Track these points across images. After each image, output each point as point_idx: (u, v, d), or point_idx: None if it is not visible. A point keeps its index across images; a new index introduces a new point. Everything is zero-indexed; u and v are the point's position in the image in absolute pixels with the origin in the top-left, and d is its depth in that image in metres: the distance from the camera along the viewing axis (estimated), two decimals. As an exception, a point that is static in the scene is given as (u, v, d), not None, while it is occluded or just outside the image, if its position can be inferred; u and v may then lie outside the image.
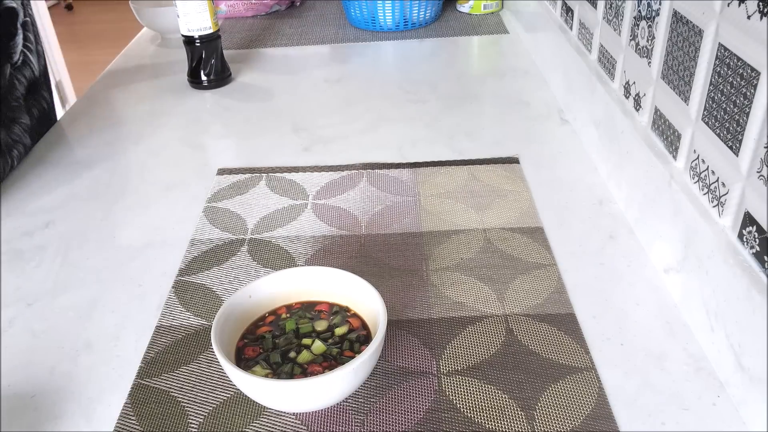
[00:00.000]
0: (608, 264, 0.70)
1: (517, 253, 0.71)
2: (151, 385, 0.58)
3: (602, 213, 0.78)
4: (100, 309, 0.67)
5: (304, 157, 0.93)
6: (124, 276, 0.72)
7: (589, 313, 0.64)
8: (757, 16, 0.51)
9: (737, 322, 0.53)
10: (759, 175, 0.51)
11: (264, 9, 1.50)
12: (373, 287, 0.58)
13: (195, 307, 0.67)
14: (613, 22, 0.82)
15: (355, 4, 1.35)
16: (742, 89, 0.53)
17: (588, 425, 0.53)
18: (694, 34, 0.61)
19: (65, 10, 4.36)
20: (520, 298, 0.65)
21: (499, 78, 1.15)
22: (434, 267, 0.70)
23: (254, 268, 0.71)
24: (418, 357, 0.60)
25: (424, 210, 0.79)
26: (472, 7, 1.44)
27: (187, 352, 0.62)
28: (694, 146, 0.62)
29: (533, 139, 0.94)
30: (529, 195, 0.81)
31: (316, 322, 0.60)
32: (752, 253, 0.53)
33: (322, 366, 0.56)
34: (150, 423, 0.55)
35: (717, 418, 0.53)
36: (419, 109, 1.05)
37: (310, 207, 0.81)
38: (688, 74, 0.62)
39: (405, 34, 1.36)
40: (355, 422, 0.54)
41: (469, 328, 0.62)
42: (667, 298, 0.65)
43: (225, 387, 0.58)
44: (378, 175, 0.86)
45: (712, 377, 0.57)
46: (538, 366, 0.58)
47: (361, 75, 1.19)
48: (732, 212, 0.56)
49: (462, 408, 0.55)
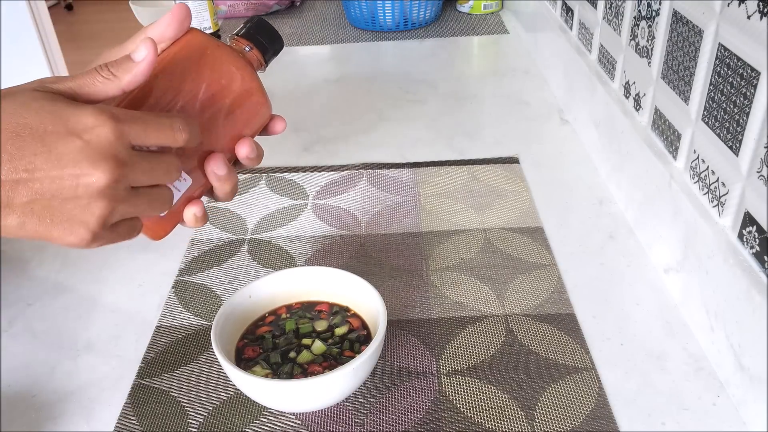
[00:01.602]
0: (608, 264, 0.70)
1: (517, 253, 0.71)
2: (151, 385, 0.58)
3: (602, 213, 0.78)
4: (100, 309, 0.67)
5: (304, 157, 0.93)
6: (124, 276, 0.72)
7: (589, 313, 0.64)
8: (757, 16, 0.51)
9: (737, 322, 0.53)
10: (759, 175, 0.51)
11: (264, 9, 1.50)
12: (373, 287, 0.58)
13: (195, 307, 0.67)
14: (613, 22, 0.82)
15: (355, 4, 1.35)
16: (742, 89, 0.53)
17: (588, 425, 0.53)
18: (694, 34, 0.61)
19: (65, 10, 4.36)
20: (520, 298, 0.65)
21: (499, 78, 1.15)
22: (434, 267, 0.70)
23: (254, 268, 0.71)
24: (418, 357, 0.60)
25: (424, 210, 0.79)
26: (472, 7, 1.44)
27: (187, 352, 0.62)
28: (694, 146, 0.62)
29: (533, 139, 0.94)
30: (529, 195, 0.81)
31: (316, 322, 0.60)
32: (752, 253, 0.53)
33: (322, 366, 0.56)
34: (150, 423, 0.55)
35: (717, 418, 0.53)
36: (419, 109, 1.05)
37: (310, 207, 0.81)
38: (688, 74, 0.62)
39: (405, 34, 1.36)
40: (355, 422, 0.54)
41: (469, 328, 0.62)
42: (667, 298, 0.65)
43: (225, 387, 0.58)
44: (378, 175, 0.86)
45: (712, 377, 0.57)
46: (538, 366, 0.58)
47: (361, 75, 1.19)
48: (732, 212, 0.56)
49: (462, 408, 0.55)
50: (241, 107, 0.47)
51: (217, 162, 0.46)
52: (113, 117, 0.38)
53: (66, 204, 0.38)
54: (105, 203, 0.38)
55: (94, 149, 0.37)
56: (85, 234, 0.39)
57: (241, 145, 0.48)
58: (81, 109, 0.38)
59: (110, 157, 0.38)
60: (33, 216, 0.37)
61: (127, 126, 0.39)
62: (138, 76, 0.41)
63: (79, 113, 0.38)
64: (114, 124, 0.38)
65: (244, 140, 0.48)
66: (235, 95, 0.47)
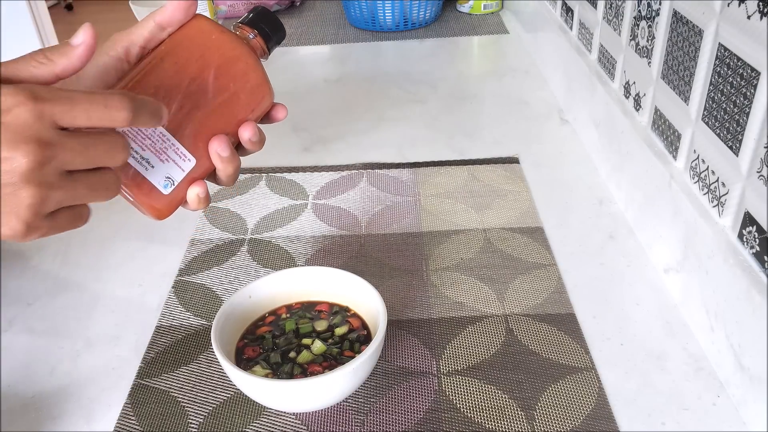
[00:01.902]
0: (608, 264, 0.70)
1: (517, 253, 0.71)
2: (151, 385, 0.58)
3: (602, 213, 0.78)
4: (100, 309, 0.67)
5: (304, 157, 0.93)
6: (124, 276, 0.72)
7: (589, 313, 0.64)
8: (757, 16, 0.51)
9: (737, 322, 0.53)
10: (759, 175, 0.51)
11: (264, 9, 1.50)
12: (373, 287, 0.58)
13: (195, 307, 0.67)
14: (613, 22, 0.82)
15: (355, 4, 1.35)
16: (742, 89, 0.53)
17: (588, 425, 0.53)
18: (694, 34, 0.61)
19: (65, 10, 4.36)
20: (520, 298, 0.65)
21: (499, 78, 1.15)
22: (434, 267, 0.70)
23: (254, 268, 0.71)
24: (418, 357, 0.60)
25: (424, 210, 0.79)
26: (472, 7, 1.44)
27: (187, 352, 0.62)
28: (694, 146, 0.62)
29: (533, 139, 0.94)
30: (529, 195, 0.81)
31: (316, 322, 0.60)
32: (752, 253, 0.53)
33: (322, 366, 0.56)
34: (150, 423, 0.55)
35: (717, 418, 0.53)
36: (419, 109, 1.05)
37: (310, 207, 0.81)
38: (688, 74, 0.62)
39: (405, 34, 1.36)
40: (355, 422, 0.54)
41: (469, 328, 0.62)
42: (667, 298, 0.65)
43: (225, 387, 0.58)
44: (378, 175, 0.86)
45: (712, 377, 0.57)
46: (538, 366, 0.58)
47: (361, 75, 1.19)
48: (732, 212, 0.56)
49: (462, 408, 0.55)
50: (245, 92, 0.48)
51: (222, 143, 0.47)
52: (33, 96, 0.36)
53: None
54: (33, 190, 0.36)
55: (14, 131, 0.35)
56: (17, 225, 0.37)
57: (245, 128, 0.48)
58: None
59: (31, 138, 0.35)
60: None
61: (49, 105, 0.36)
62: (74, 60, 0.40)
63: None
64: (33, 104, 0.35)
65: (248, 123, 0.48)
66: (239, 80, 0.48)
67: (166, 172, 0.46)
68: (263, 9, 0.51)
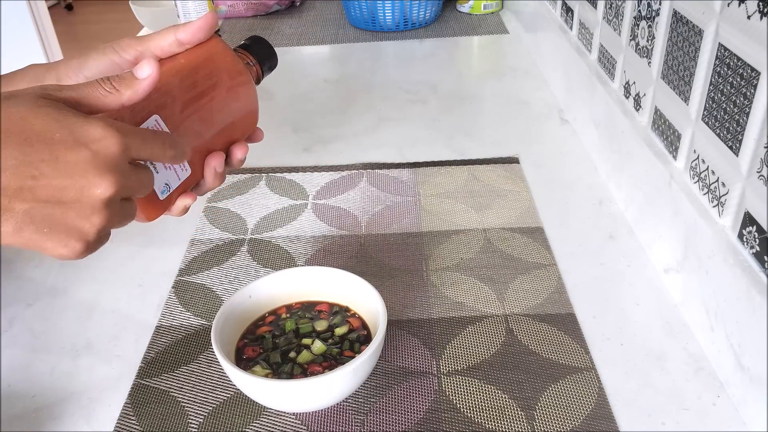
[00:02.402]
0: (608, 264, 0.70)
1: (517, 253, 0.71)
2: (151, 385, 0.58)
3: (602, 213, 0.78)
4: (100, 309, 0.67)
5: (304, 157, 0.93)
6: (124, 276, 0.72)
7: (589, 313, 0.64)
8: (757, 16, 0.51)
9: (737, 322, 0.53)
10: (759, 175, 0.51)
11: (264, 9, 1.50)
12: (373, 287, 0.58)
13: (195, 307, 0.67)
14: (613, 22, 0.82)
15: (355, 4, 1.35)
16: (742, 89, 0.53)
17: (588, 425, 0.53)
18: (694, 34, 0.61)
19: (65, 10, 4.37)
20: (520, 298, 0.65)
21: (499, 78, 1.15)
22: (434, 267, 0.70)
23: (254, 268, 0.71)
24: (418, 357, 0.60)
25: (424, 210, 0.79)
26: (472, 7, 1.44)
27: (187, 352, 0.62)
28: (694, 146, 0.62)
29: (533, 139, 0.94)
30: (529, 195, 0.81)
31: (316, 322, 0.60)
32: (752, 253, 0.53)
33: (322, 366, 0.56)
34: (150, 423, 0.55)
35: (717, 418, 0.53)
36: (419, 109, 1.05)
37: (310, 207, 0.81)
38: (688, 74, 0.62)
39: (405, 34, 1.36)
40: (355, 422, 0.54)
41: (469, 328, 0.62)
42: (667, 298, 0.65)
43: (225, 387, 0.58)
44: (378, 175, 0.86)
45: (712, 377, 0.57)
46: (538, 366, 0.58)
47: (361, 75, 1.19)
48: (732, 212, 0.56)
49: (462, 408, 0.55)
50: (243, 113, 0.53)
51: (220, 160, 0.50)
52: (120, 130, 0.39)
53: (67, 214, 0.38)
54: (105, 215, 0.39)
55: (102, 161, 0.38)
56: (77, 245, 0.39)
57: (239, 148, 0.52)
58: (89, 120, 0.38)
59: (116, 168, 0.38)
60: (31, 224, 0.37)
61: (130, 139, 0.39)
62: (138, 93, 0.42)
63: (88, 124, 0.38)
64: (120, 137, 0.38)
65: (241, 144, 0.53)
66: (242, 103, 0.52)
67: (166, 179, 0.47)
68: (261, 38, 0.55)
